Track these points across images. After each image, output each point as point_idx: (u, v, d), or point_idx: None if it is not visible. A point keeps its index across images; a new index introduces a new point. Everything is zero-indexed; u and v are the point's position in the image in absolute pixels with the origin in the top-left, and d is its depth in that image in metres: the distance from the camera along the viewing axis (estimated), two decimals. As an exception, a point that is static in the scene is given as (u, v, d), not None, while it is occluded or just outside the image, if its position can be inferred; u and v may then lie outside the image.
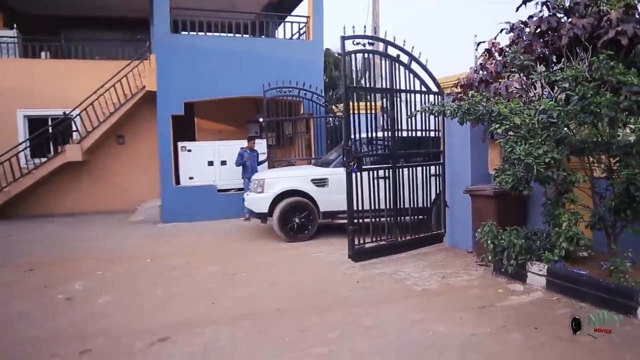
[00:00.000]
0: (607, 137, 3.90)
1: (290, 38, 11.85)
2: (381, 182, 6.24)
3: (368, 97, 6.86)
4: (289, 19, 11.68)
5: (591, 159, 4.32)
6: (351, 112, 5.88)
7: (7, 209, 11.45)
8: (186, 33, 10.44)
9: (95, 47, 14.27)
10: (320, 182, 7.74)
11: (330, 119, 11.03)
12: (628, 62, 4.26)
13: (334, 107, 10.97)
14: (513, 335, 3.62)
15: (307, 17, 11.11)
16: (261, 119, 12.69)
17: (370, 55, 6.57)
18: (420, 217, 6.78)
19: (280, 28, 13.71)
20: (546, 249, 4.60)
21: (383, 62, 6.34)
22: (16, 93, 11.86)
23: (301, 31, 11.51)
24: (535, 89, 5.11)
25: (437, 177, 6.86)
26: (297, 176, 7.89)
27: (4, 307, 4.76)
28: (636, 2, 4.35)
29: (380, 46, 6.88)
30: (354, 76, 7.04)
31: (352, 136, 5.91)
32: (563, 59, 4.85)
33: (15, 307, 4.77)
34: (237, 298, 4.79)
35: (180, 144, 10.47)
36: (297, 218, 7.58)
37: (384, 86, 6.32)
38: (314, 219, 7.70)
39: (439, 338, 3.62)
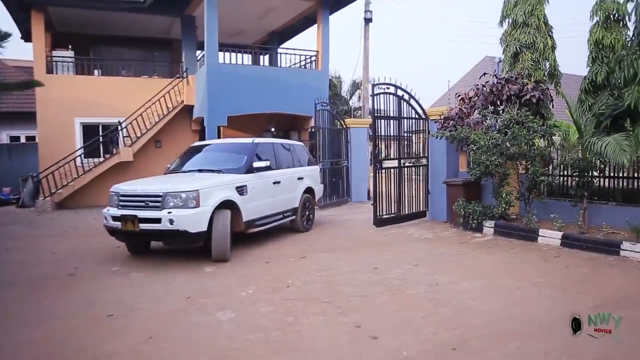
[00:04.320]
0: (525, 151, 7.68)
1: (302, 66, 15.20)
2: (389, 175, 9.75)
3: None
4: (302, 52, 15.01)
5: (517, 163, 8.12)
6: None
7: (66, 201, 13.98)
8: (229, 63, 13.55)
9: (122, 64, 16.89)
10: (241, 190, 7.17)
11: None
12: (536, 111, 8.08)
13: (336, 121, 14.42)
14: (479, 250, 7.28)
15: (317, 51, 14.54)
16: (273, 129, 16.03)
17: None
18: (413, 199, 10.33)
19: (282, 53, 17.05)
20: (493, 212, 8.33)
21: (392, 98, 9.82)
22: (74, 104, 14.42)
23: (311, 59, 14.86)
24: (487, 120, 8.84)
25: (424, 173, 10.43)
26: (224, 184, 6.97)
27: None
28: (540, 80, 8.17)
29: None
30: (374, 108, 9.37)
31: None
32: (504, 104, 8.64)
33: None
34: (322, 244, 8.13)
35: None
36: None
37: (394, 114, 9.85)
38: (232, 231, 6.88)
39: (443, 253, 7.19)
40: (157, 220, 6.30)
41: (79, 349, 3.89)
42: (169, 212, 6.28)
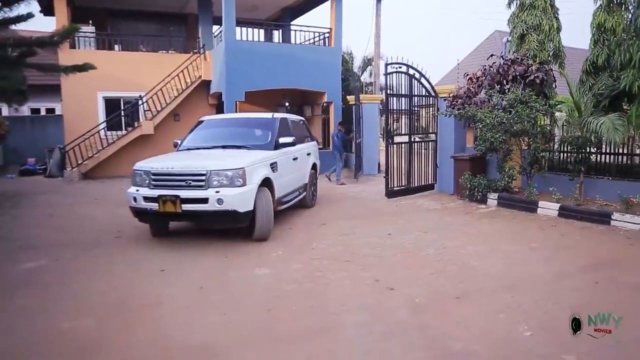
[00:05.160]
0: (527, 129, 8.29)
1: (315, 43, 15.64)
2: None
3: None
4: (316, 29, 15.43)
5: (520, 139, 8.73)
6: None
7: (91, 171, 14.76)
8: (245, 40, 14.05)
9: (141, 39, 17.38)
10: (273, 167, 7.07)
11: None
12: (539, 91, 8.64)
13: (347, 97, 14.99)
14: (483, 220, 7.97)
15: (330, 28, 14.98)
16: (287, 104, 16.59)
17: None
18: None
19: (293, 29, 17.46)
20: (497, 185, 8.99)
21: (404, 76, 10.36)
22: (96, 78, 14.90)
23: (325, 36, 15.32)
24: (493, 99, 9.39)
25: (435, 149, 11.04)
26: (262, 161, 6.80)
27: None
28: (544, 61, 8.69)
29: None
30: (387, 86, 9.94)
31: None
32: (510, 84, 9.18)
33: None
34: (339, 213, 8.85)
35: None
36: None
37: (405, 92, 10.41)
38: None
39: (450, 222, 7.89)
40: (204, 201, 5.99)
41: (144, 295, 4.66)
42: (217, 192, 5.99)
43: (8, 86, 8.94)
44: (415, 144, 10.85)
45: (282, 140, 7.47)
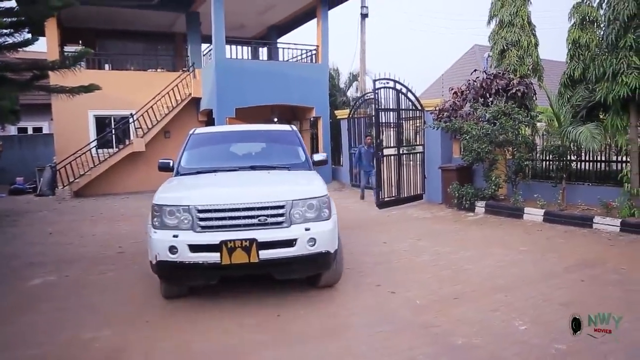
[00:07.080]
0: (511, 139, 8.75)
1: (302, 60, 16.06)
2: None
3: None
4: (303, 47, 15.87)
5: (505, 149, 9.19)
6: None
7: (83, 189, 14.80)
8: (234, 58, 14.39)
9: (129, 58, 17.61)
10: None
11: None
12: (521, 103, 9.13)
13: (335, 112, 15.41)
14: (472, 227, 8.35)
15: (317, 45, 15.42)
16: (275, 119, 16.93)
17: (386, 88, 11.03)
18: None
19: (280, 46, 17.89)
20: (484, 193, 9.41)
21: (391, 91, 10.80)
22: (87, 97, 14.92)
23: (312, 53, 15.76)
24: (478, 112, 9.86)
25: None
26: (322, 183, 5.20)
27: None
28: (524, 74, 9.21)
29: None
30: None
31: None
32: (493, 97, 9.66)
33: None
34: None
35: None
36: None
37: (393, 107, 10.84)
38: None
39: (441, 229, 8.26)
40: (289, 243, 4.43)
41: (159, 305, 4.87)
42: (307, 229, 4.48)
43: (6, 107, 9.08)
44: (404, 155, 11.24)
45: (316, 157, 6.07)
